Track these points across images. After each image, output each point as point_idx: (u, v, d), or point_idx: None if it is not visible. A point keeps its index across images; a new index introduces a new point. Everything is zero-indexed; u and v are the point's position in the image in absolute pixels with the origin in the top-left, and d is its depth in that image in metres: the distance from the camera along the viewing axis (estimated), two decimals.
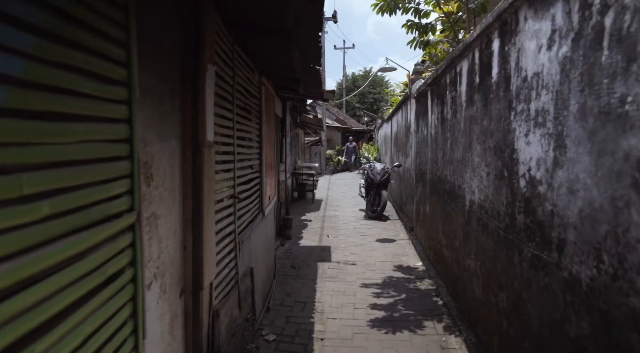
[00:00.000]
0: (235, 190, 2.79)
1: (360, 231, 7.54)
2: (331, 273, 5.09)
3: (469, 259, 3.48)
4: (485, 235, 3.04)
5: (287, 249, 6.21)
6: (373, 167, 8.91)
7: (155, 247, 1.59)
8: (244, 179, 3.16)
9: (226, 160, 2.63)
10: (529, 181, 2.24)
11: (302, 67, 3.97)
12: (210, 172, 2.10)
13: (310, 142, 19.71)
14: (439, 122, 4.89)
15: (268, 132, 4.53)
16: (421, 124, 6.29)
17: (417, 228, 6.62)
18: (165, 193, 1.71)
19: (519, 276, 2.36)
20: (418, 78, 7.04)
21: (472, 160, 3.40)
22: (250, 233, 3.33)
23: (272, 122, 4.96)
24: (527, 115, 2.27)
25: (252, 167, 3.54)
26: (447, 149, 4.39)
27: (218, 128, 2.41)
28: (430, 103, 5.49)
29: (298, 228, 7.69)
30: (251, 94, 3.56)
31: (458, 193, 3.90)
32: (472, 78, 3.42)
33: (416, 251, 6.04)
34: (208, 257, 2.08)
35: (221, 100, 2.48)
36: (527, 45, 2.27)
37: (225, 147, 2.62)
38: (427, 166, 5.69)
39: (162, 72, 1.66)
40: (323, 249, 6.25)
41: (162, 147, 1.67)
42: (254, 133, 3.71)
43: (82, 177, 0.95)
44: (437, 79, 4.85)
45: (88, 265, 0.95)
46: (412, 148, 7.28)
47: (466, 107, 3.62)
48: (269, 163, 4.56)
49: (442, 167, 4.69)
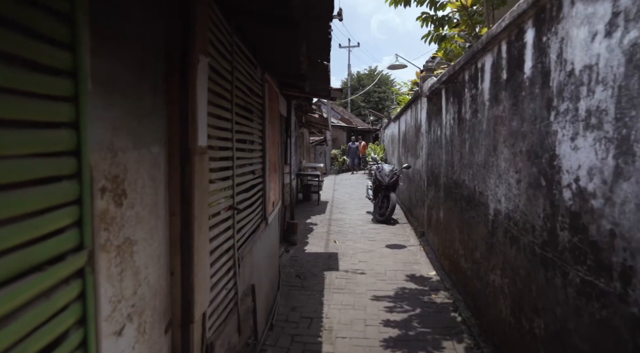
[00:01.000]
0: (235, 201, 2.47)
1: (369, 236, 7.21)
2: (339, 284, 4.77)
3: (493, 274, 3.15)
4: (514, 250, 2.70)
5: (292, 256, 5.89)
6: (381, 169, 8.57)
7: (130, 281, 1.28)
8: (245, 187, 2.84)
9: (224, 166, 2.31)
10: (577, 193, 1.90)
11: (309, 63, 3.65)
12: (203, 183, 1.79)
13: (315, 142, 19.40)
14: (455, 122, 4.55)
15: (272, 133, 4.21)
16: (434, 123, 5.95)
17: (429, 234, 6.28)
18: (144, 212, 1.40)
19: (563, 303, 2.03)
20: (429, 75, 6.70)
21: (498, 164, 3.07)
22: (252, 246, 3.01)
23: (276, 123, 4.65)
24: (575, 116, 1.94)
25: (254, 172, 3.22)
26: (465, 151, 4.06)
27: (213, 130, 2.10)
28: (444, 102, 5.15)
29: (303, 232, 7.38)
30: (253, 92, 3.25)
31: (479, 201, 3.56)
32: (498, 74, 3.08)
33: (428, 259, 5.70)
34: (200, 282, 1.77)
35: (217, 98, 2.17)
36: (575, 34, 1.94)
37: (222, 152, 2.30)
38: (441, 169, 5.36)
39: (138, 63, 1.35)
40: (330, 256, 5.93)
41: (140, 156, 1.36)
42: (257, 135, 3.39)
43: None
44: (453, 76, 4.51)
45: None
46: (423, 149, 6.94)
47: (490, 106, 3.28)
48: (272, 166, 4.25)
49: (459, 170, 4.35)
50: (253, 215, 3.15)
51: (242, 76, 2.74)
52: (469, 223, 3.91)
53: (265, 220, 3.69)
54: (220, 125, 2.25)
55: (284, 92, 5.64)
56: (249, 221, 3.00)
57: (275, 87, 4.66)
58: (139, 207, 1.36)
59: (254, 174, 3.21)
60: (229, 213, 2.39)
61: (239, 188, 2.64)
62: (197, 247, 1.73)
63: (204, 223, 1.81)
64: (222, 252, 2.22)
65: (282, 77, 4.53)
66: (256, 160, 3.34)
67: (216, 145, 2.17)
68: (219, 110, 2.21)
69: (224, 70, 2.26)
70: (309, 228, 7.78)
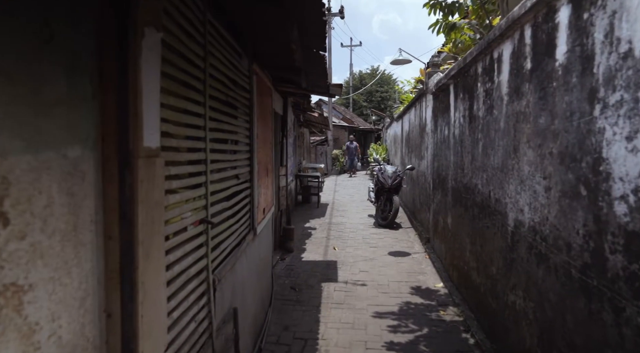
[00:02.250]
0: (209, 212, 2.06)
1: (370, 242, 6.79)
2: (338, 298, 4.35)
3: (513, 294, 2.73)
4: (542, 270, 2.28)
5: (287, 265, 5.48)
6: (384, 170, 8.15)
7: (14, 348, 0.87)
8: (225, 194, 2.43)
9: (193, 172, 1.90)
10: (638, 207, 1.49)
11: (303, 53, 3.24)
12: (154, 194, 1.38)
13: (316, 142, 18.98)
14: (465, 120, 4.13)
15: (263, 132, 3.80)
16: (440, 122, 5.53)
17: (435, 241, 5.86)
18: (51, 241, 0.99)
19: (617, 346, 1.61)
20: (435, 71, 6.28)
21: (520, 168, 2.65)
22: (234, 262, 2.60)
23: (268, 120, 4.24)
24: (633, 109, 1.52)
25: (238, 176, 2.81)
26: (478, 152, 3.64)
27: (177, 128, 1.69)
28: (453, 98, 4.73)
29: (301, 238, 6.97)
30: (238, 84, 2.84)
31: (495, 208, 3.14)
32: (520, 63, 2.66)
33: (435, 268, 5.28)
34: (149, 324, 1.36)
35: (183, 89, 1.76)
36: (635, 3, 1.52)
37: (191, 154, 1.89)
38: (449, 171, 4.94)
39: (37, 29, 0.94)
40: (328, 265, 5.51)
41: (40, 162, 0.95)
42: (242, 134, 2.98)
43: None
44: (464, 69, 4.09)
45: None
46: (429, 150, 6.52)
47: (509, 101, 2.86)
48: (263, 169, 3.84)
49: (470, 173, 3.93)
50: (237, 227, 2.73)
51: (220, 64, 2.33)
52: (483, 233, 3.49)
53: (254, 231, 3.28)
54: (188, 121, 1.84)
55: (279, 88, 5.24)
56: (231, 234, 2.59)
57: (268, 82, 4.25)
58: (40, 235, 0.95)
59: (238, 178, 2.80)
60: (200, 228, 1.98)
61: (216, 197, 2.22)
62: (144, 278, 1.32)
63: (155, 247, 1.40)
64: (189, 278, 1.81)
65: (275, 70, 4.12)
66: (242, 163, 2.93)
67: (181, 146, 1.76)
68: (186, 103, 1.80)
69: (192, 55, 1.85)
70: (307, 234, 7.37)
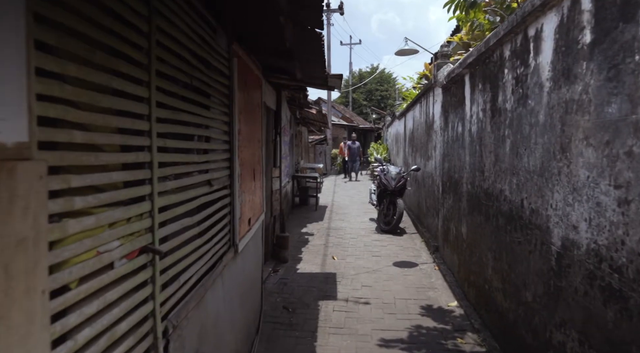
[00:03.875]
0: (156, 237, 1.47)
1: (373, 250, 6.20)
2: (337, 320, 3.76)
3: (561, 334, 2.14)
4: (615, 311, 1.69)
5: (280, 278, 4.88)
6: (387, 171, 7.56)
7: None
8: (188, 207, 1.83)
9: (130, 180, 1.32)
10: None
11: (296, 31, 2.65)
12: (15, 226, 0.78)
13: (314, 141, 18.39)
14: (486, 114, 3.54)
15: (248, 128, 3.21)
16: (452, 118, 4.94)
17: (445, 250, 5.27)
18: None
19: None
20: (445, 62, 5.69)
21: (572, 173, 2.06)
22: (203, 294, 2.01)
23: (257, 115, 3.65)
24: None
25: (210, 182, 2.21)
26: (505, 152, 3.05)
27: (89, 114, 1.10)
28: (468, 90, 4.14)
29: (297, 246, 6.37)
30: (211, 66, 2.25)
31: (532, 221, 2.55)
32: (571, 37, 2.07)
33: (446, 282, 4.69)
34: None
35: (102, 56, 1.17)
36: None
37: (126, 155, 1.30)
38: (463, 173, 4.35)
39: None
40: (327, 278, 4.92)
41: None
42: (217, 129, 2.39)
43: None
44: (484, 55, 3.50)
45: None
46: (437, 149, 5.93)
47: (552, 87, 2.27)
48: (249, 172, 3.24)
49: (492, 177, 3.34)
50: (208, 247, 2.14)
51: (180, 35, 1.74)
52: (511, 249, 2.90)
53: (234, 248, 2.69)
54: (119, 106, 1.25)
55: (271, 79, 4.64)
56: (199, 258, 1.99)
57: (256, 70, 3.65)
58: None
59: (210, 185, 2.21)
60: (142, 260, 1.39)
61: (171, 213, 1.63)
62: None
63: (21, 316, 0.81)
64: (116, 338, 1.21)
65: (263, 55, 3.53)
66: (217, 165, 2.33)
67: (102, 142, 1.16)
68: (111, 79, 1.20)
69: (121, 7, 1.26)
70: (304, 240, 6.78)
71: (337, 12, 21.29)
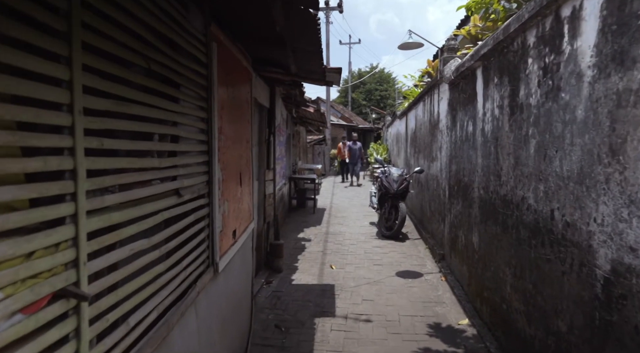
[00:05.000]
0: (82, 274, 1.06)
1: (374, 257, 5.78)
2: (335, 341, 3.35)
3: None
4: None
5: (273, 291, 4.47)
6: (388, 173, 7.15)
7: None
8: (140, 227, 1.42)
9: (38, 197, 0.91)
10: None
11: (286, 12, 2.25)
12: None
13: (313, 141, 17.98)
14: (503, 111, 3.14)
15: (233, 127, 2.80)
16: (461, 116, 4.53)
17: (453, 259, 4.87)
18: None
19: None
20: (452, 57, 5.29)
21: (627, 181, 1.65)
22: (167, 333, 1.60)
23: (244, 112, 3.24)
24: None
25: (179, 192, 1.80)
26: (528, 154, 2.65)
27: None
28: (481, 85, 3.74)
29: (292, 253, 5.96)
30: (180, 50, 1.84)
31: (565, 237, 2.15)
32: (628, 12, 1.67)
33: (455, 296, 4.29)
34: None
35: None
36: None
37: (31, 161, 0.89)
38: (474, 177, 3.94)
39: None
40: (324, 291, 4.51)
41: None
42: (191, 127, 1.98)
43: None
44: (502, 44, 3.10)
45: None
46: (443, 150, 5.53)
47: (597, 76, 1.87)
48: (233, 177, 2.83)
49: (512, 181, 2.94)
50: (175, 272, 1.73)
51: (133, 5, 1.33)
52: (538, 267, 2.50)
53: (214, 267, 2.28)
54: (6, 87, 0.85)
55: (263, 73, 4.24)
56: (160, 289, 1.58)
57: (244, 61, 3.25)
58: None
59: (179, 195, 1.80)
60: (59, 309, 0.98)
61: (110, 238, 1.22)
62: None
63: None
64: None
65: (250, 41, 3.11)
66: (188, 171, 1.92)
67: None
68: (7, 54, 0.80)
69: None
70: (300, 247, 6.37)
71: (336, 10, 20.94)
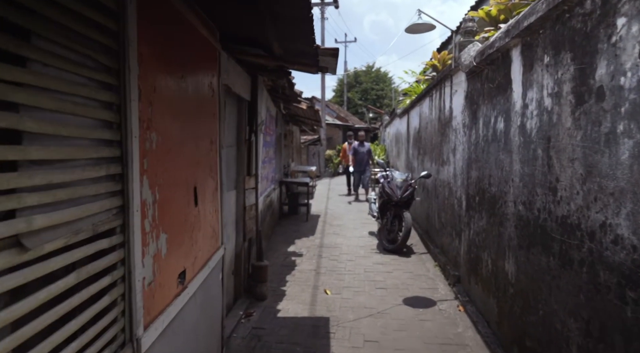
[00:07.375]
0: None
1: (376, 278, 4.92)
2: None
3: None
4: None
5: (253, 328, 3.59)
6: (391, 178, 6.30)
7: None
8: None
9: None
10: None
11: None
12: None
13: (307, 142, 17.12)
14: (561, 100, 2.28)
15: (183, 124, 1.93)
16: (486, 112, 3.68)
17: (472, 285, 4.01)
18: None
19: None
20: (470, 41, 4.44)
21: None
22: None
23: (205, 102, 2.36)
24: None
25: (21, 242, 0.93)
26: (614, 160, 1.79)
27: None
28: (518, 69, 2.89)
29: (280, 272, 5.08)
30: None
31: None
32: None
33: (480, 335, 3.43)
34: None
35: None
36: None
37: None
38: (508, 187, 3.09)
39: None
40: (316, 326, 3.64)
41: None
42: (76, 116, 1.11)
43: None
44: (560, 7, 2.24)
45: None
46: (458, 152, 4.68)
47: None
48: (180, 194, 1.95)
49: (579, 199, 2.08)
50: None
51: None
52: (637, 335, 1.64)
53: (132, 346, 1.41)
54: None
55: (241, 56, 3.36)
56: None
57: (204, 29, 2.36)
58: None
59: (21, 247, 0.92)
60: None
61: None
62: None
63: None
64: None
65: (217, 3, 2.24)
66: (59, 196, 1.05)
67: None
68: None
69: None
70: (290, 263, 5.49)
71: (331, 6, 20.12)
